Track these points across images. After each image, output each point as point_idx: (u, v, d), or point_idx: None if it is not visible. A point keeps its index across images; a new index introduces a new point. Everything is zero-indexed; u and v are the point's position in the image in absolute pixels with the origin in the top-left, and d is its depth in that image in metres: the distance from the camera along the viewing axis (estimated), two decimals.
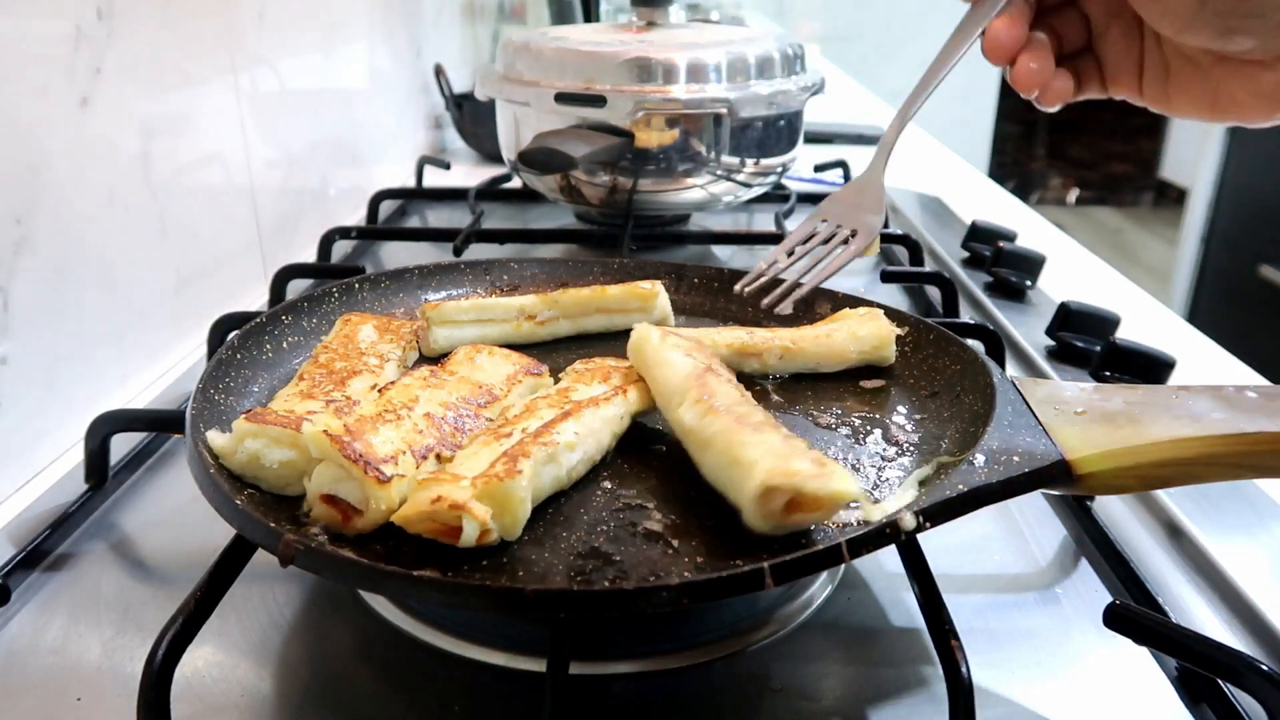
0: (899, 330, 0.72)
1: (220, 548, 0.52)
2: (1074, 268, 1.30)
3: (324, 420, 0.54)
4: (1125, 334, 0.94)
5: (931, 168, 1.84)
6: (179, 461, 0.77)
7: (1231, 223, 3.34)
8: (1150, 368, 0.87)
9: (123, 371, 0.89)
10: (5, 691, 0.54)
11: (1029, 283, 1.14)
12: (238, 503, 0.50)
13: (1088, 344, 0.95)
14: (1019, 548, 0.68)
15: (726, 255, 1.26)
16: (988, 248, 1.19)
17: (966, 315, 1.05)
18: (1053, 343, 0.98)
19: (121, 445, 0.74)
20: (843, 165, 1.58)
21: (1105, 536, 0.66)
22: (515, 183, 1.45)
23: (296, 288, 1.02)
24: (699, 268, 0.87)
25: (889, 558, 0.64)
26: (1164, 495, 0.71)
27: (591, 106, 1.08)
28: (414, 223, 1.44)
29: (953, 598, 0.53)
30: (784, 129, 1.18)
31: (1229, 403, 0.56)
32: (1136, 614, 0.53)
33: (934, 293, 1.06)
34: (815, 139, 1.83)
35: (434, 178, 1.57)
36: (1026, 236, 1.27)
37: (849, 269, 1.22)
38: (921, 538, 0.51)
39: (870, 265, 1.24)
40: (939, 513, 0.50)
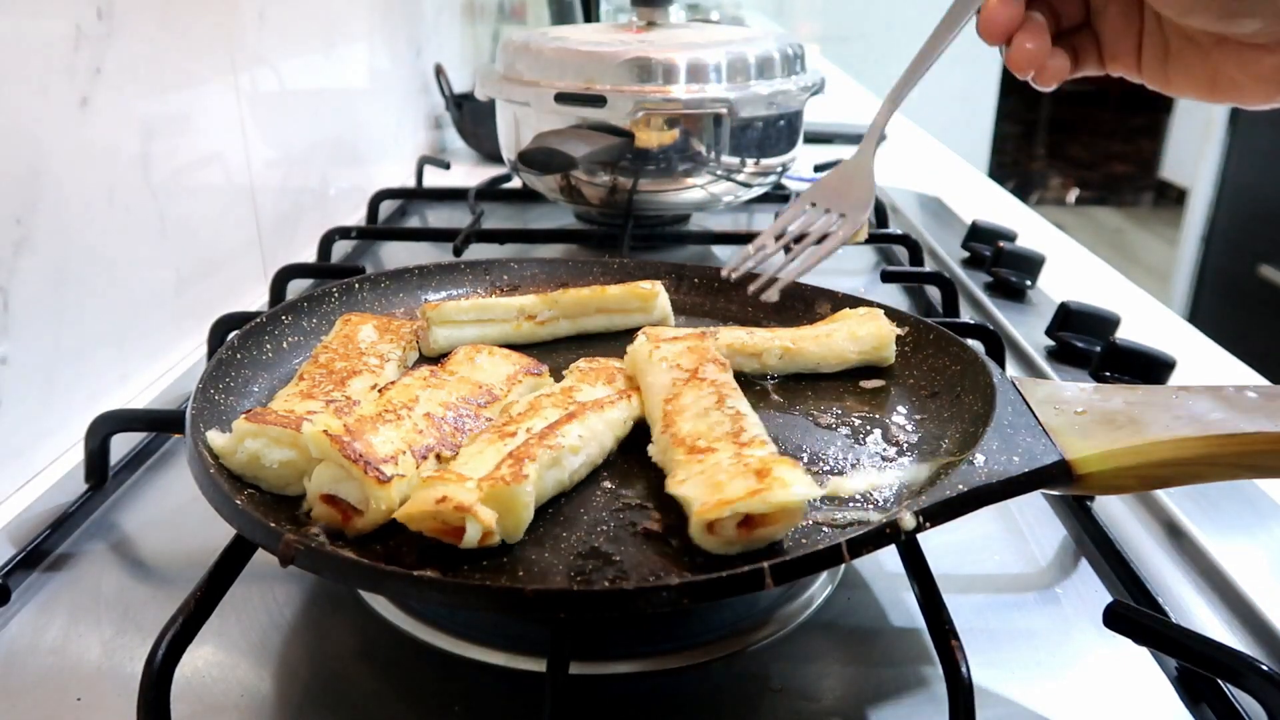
0: (899, 330, 0.72)
1: (220, 548, 0.52)
2: (1074, 268, 1.30)
3: (324, 420, 0.54)
4: (1125, 334, 0.94)
5: (931, 168, 1.84)
6: (179, 461, 0.77)
7: (1231, 223, 3.34)
8: (1150, 368, 0.87)
9: (123, 371, 0.89)
10: (5, 691, 0.54)
11: (1029, 283, 1.14)
12: (238, 503, 0.50)
13: (1088, 344, 0.95)
14: (1019, 548, 0.68)
15: (726, 255, 1.26)
16: (988, 248, 1.19)
17: (966, 315, 1.05)
18: (1053, 343, 0.98)
19: (121, 445, 0.74)
20: None
21: (1105, 536, 0.66)
22: (515, 183, 1.45)
23: (296, 288, 1.02)
24: (699, 268, 0.87)
25: (889, 558, 0.64)
26: (1164, 495, 0.71)
27: (591, 106, 1.08)
28: (414, 223, 1.44)
29: (953, 598, 0.53)
30: (784, 129, 1.18)
31: (1229, 403, 0.56)
32: (1136, 614, 0.54)
33: (934, 293, 1.07)
34: (815, 139, 1.82)
35: (434, 178, 1.57)
36: (1026, 236, 1.27)
37: (848, 269, 1.24)
38: (921, 538, 0.51)
39: (870, 265, 1.24)
40: (939, 513, 0.50)
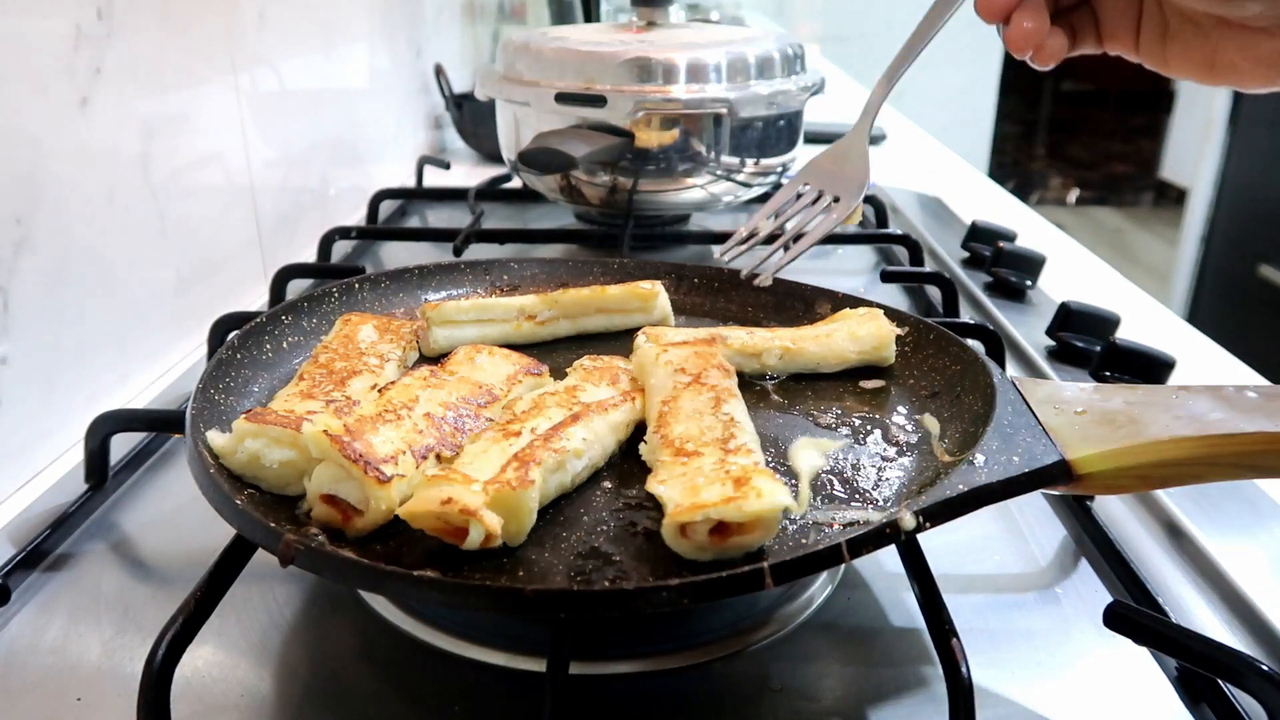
0: (899, 330, 0.72)
1: (220, 548, 0.52)
2: (1074, 268, 1.30)
3: (324, 420, 0.54)
4: (1125, 334, 0.94)
5: (931, 168, 1.84)
6: (179, 461, 0.77)
7: (1231, 223, 3.34)
8: (1150, 368, 0.87)
9: (123, 371, 0.89)
10: (5, 691, 0.54)
11: (1029, 283, 1.14)
12: (238, 503, 0.50)
13: (1088, 344, 0.95)
14: (1019, 548, 0.67)
15: None
16: (988, 248, 1.19)
17: (966, 315, 1.05)
18: (1053, 343, 0.98)
19: (121, 445, 0.74)
20: None
21: (1105, 536, 0.66)
22: (515, 183, 1.45)
23: (296, 288, 1.02)
24: (699, 268, 0.87)
25: (889, 558, 0.64)
26: (1164, 495, 0.71)
27: (591, 106, 1.08)
28: (414, 223, 1.44)
29: (953, 598, 0.53)
30: (784, 129, 1.18)
31: (1229, 403, 0.55)
32: (1136, 614, 0.54)
33: (934, 293, 1.06)
34: (815, 139, 1.82)
35: (434, 178, 1.57)
36: (1026, 236, 1.26)
37: (848, 269, 1.24)
38: (921, 538, 0.51)
39: (870, 265, 1.24)
40: (939, 513, 0.50)
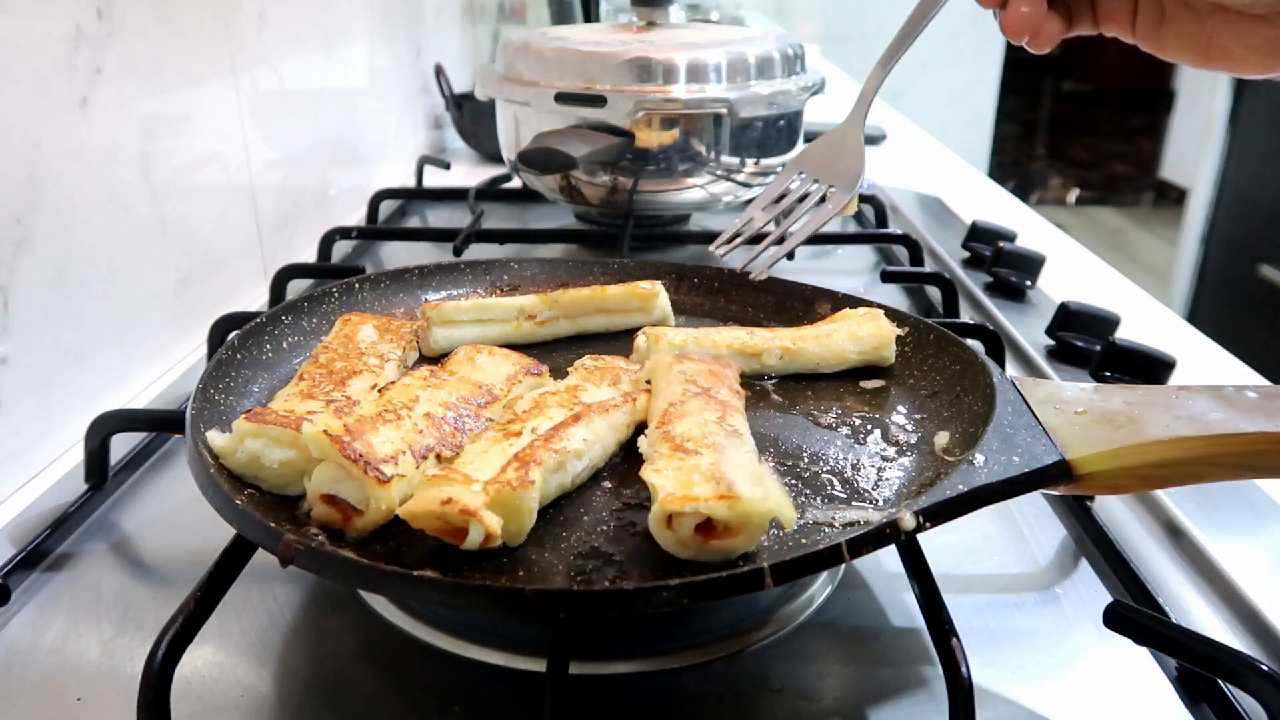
0: (899, 330, 0.72)
1: (220, 548, 0.52)
2: (1074, 268, 1.30)
3: (324, 420, 0.54)
4: (1125, 334, 0.94)
5: (931, 168, 1.84)
6: (179, 461, 0.77)
7: (1231, 223, 3.34)
8: (1150, 368, 0.87)
9: (123, 371, 0.89)
10: (5, 691, 0.54)
11: (1029, 283, 1.14)
12: (238, 503, 0.50)
13: (1088, 344, 0.95)
14: (1019, 548, 0.68)
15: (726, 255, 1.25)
16: (988, 248, 1.19)
17: (966, 315, 1.05)
18: (1053, 343, 0.98)
19: (121, 445, 0.74)
20: None
21: (1105, 536, 0.66)
22: (515, 183, 1.45)
23: (296, 288, 1.02)
24: (699, 268, 0.87)
25: (889, 558, 0.64)
26: (1164, 495, 0.71)
27: (591, 106, 1.08)
28: (414, 223, 1.44)
29: (953, 598, 0.53)
30: (784, 129, 1.18)
31: (1229, 403, 0.55)
32: (1136, 614, 0.54)
33: (934, 293, 1.06)
34: (815, 139, 1.82)
35: (434, 178, 1.57)
36: (1026, 236, 1.27)
37: (848, 269, 1.24)
38: (921, 538, 0.51)
39: (870, 265, 1.24)
40: (939, 513, 0.50)
